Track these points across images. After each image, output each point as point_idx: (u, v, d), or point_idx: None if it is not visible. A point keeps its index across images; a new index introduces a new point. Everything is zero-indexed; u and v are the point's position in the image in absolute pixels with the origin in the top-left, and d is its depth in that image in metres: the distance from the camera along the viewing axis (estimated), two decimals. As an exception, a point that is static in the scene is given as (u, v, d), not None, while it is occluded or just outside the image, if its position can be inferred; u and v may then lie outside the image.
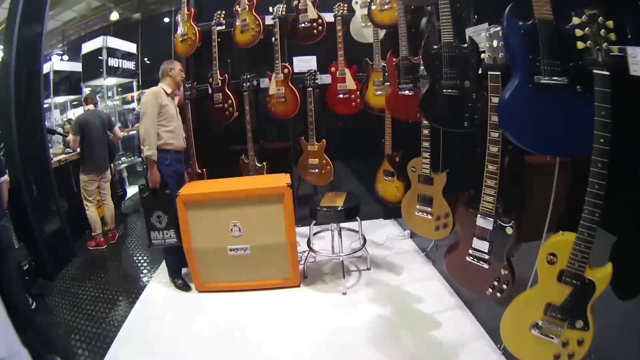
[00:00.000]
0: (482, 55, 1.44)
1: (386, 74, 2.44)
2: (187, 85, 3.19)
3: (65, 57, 7.58)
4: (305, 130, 3.09)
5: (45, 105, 7.28)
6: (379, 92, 2.74)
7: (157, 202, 2.58)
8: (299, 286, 2.62)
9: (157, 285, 2.82)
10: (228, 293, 2.61)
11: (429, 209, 2.00)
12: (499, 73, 1.37)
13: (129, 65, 6.40)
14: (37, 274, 3.02)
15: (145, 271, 3.13)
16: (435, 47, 1.65)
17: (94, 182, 3.55)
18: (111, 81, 6.36)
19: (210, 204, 2.52)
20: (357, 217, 2.59)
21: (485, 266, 1.56)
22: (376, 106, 2.80)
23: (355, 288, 2.55)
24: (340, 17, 2.93)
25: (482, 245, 1.55)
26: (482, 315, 2.08)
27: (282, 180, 2.58)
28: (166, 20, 7.61)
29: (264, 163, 3.18)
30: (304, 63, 3.19)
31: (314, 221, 2.64)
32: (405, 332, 2.06)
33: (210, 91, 3.21)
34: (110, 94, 6.79)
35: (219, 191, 2.55)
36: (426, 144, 1.93)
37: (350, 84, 2.93)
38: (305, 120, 3.08)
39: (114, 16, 7.64)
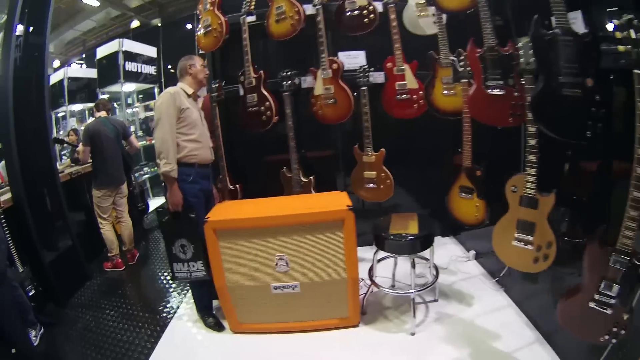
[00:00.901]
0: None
1: (460, 69, 2.35)
2: (213, 86, 3.09)
3: (84, 66, 7.90)
4: (359, 137, 2.98)
5: (60, 114, 7.52)
6: (449, 92, 2.63)
7: (179, 228, 2.41)
8: (357, 325, 2.51)
9: (184, 320, 2.75)
10: (270, 335, 2.50)
11: (530, 237, 1.89)
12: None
13: (150, 70, 6.53)
14: (48, 298, 3.00)
15: (169, 299, 3.07)
16: (549, 33, 1.54)
17: (108, 197, 3.52)
18: (130, 87, 6.51)
19: (248, 233, 2.33)
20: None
21: (609, 311, 1.47)
22: (445, 108, 2.69)
23: (423, 325, 2.45)
24: (392, 5, 2.82)
25: (612, 289, 1.45)
26: (562, 347, 2.05)
27: (340, 201, 2.42)
28: (189, 26, 7.95)
29: (311, 177, 3.07)
30: (351, 59, 3.07)
31: (376, 249, 2.51)
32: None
33: (242, 92, 3.12)
34: (130, 100, 6.90)
35: (259, 216, 2.36)
36: (532, 158, 1.79)
37: (412, 82, 2.82)
38: (357, 126, 2.97)
39: (135, 24, 8.02)
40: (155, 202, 5.35)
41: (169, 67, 7.31)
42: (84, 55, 8.88)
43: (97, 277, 3.45)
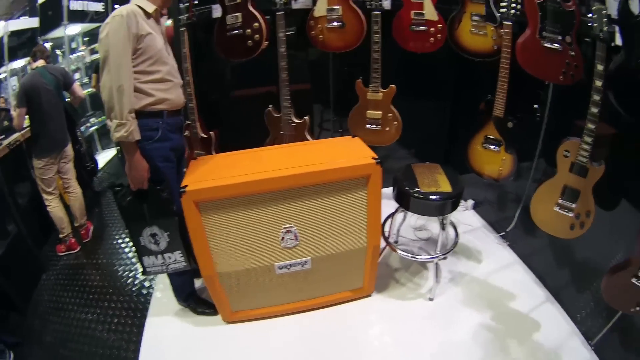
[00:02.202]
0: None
1: (502, 10, 2.45)
2: (182, 5, 2.79)
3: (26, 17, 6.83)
4: (365, 71, 3.02)
5: (1, 76, 6.57)
6: (477, 31, 2.75)
7: (146, 211, 2.14)
8: (370, 295, 2.72)
9: (164, 303, 2.71)
10: (271, 319, 2.56)
11: (573, 205, 2.20)
12: None
13: (97, 6, 5.84)
14: (6, 307, 2.82)
15: (138, 275, 3.06)
16: (638, 15, 1.72)
17: (52, 166, 3.32)
18: (74, 29, 5.98)
19: (242, 202, 2.13)
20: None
21: (645, 287, 1.85)
22: (469, 47, 2.82)
23: (439, 288, 2.74)
24: None
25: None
26: (570, 308, 2.52)
27: (359, 151, 2.37)
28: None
29: (306, 118, 3.07)
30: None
31: (397, 207, 2.66)
32: (512, 341, 2.37)
33: (217, 13, 2.92)
34: (74, 44, 6.27)
35: (257, 178, 2.10)
36: (591, 126, 2.02)
37: (431, 13, 2.86)
38: (363, 57, 3.00)
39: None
40: (105, 157, 5.03)
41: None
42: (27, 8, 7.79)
43: (53, 266, 3.31)
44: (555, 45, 2.20)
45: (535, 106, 2.72)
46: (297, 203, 2.21)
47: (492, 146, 2.81)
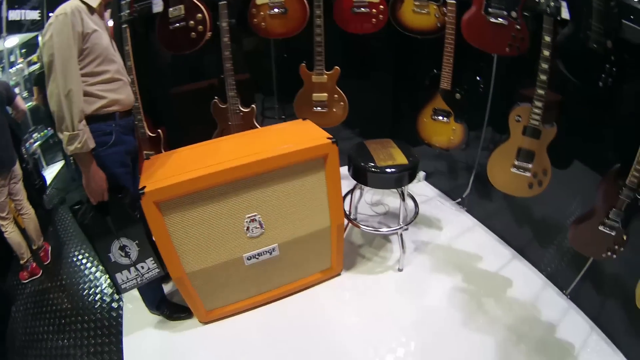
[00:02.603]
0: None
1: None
2: (123, 2, 2.68)
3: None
4: (309, 54, 3.05)
5: None
6: (420, 10, 2.84)
7: (112, 223, 2.02)
8: (340, 274, 2.80)
9: (137, 315, 2.61)
10: (247, 313, 2.56)
11: (529, 165, 2.39)
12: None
13: (34, 15, 5.20)
14: None
15: (105, 289, 2.93)
16: None
17: (2, 188, 3.00)
18: (12, 41, 5.37)
19: (203, 196, 2.11)
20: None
21: (613, 233, 2.07)
22: (413, 26, 2.91)
23: (406, 259, 2.88)
24: None
25: (618, 216, 2.03)
26: (537, 262, 2.77)
27: (312, 132, 2.42)
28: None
29: (253, 106, 3.06)
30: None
31: (355, 184, 2.77)
32: (487, 299, 2.56)
33: (157, 7, 2.80)
34: (12, 57, 5.60)
35: (216, 170, 2.08)
36: (541, 92, 2.20)
37: (372, -6, 2.94)
38: (304, 42, 3.03)
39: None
40: (50, 172, 4.63)
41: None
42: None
43: (19, 295, 3.04)
44: (501, 20, 2.36)
45: (478, 78, 2.90)
46: (258, 191, 2.22)
47: (442, 117, 2.99)
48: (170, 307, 2.54)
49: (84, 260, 3.27)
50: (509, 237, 3.00)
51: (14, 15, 5.22)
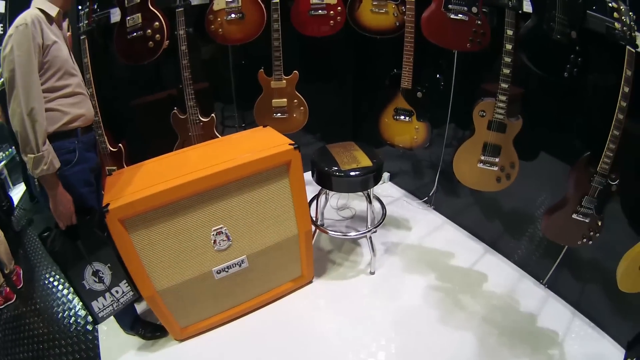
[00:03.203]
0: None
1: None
2: (82, 13, 2.57)
3: None
4: (267, 60, 3.02)
5: None
6: (378, 10, 2.85)
7: (83, 248, 1.94)
8: (312, 282, 2.77)
9: (113, 337, 2.52)
10: (221, 327, 2.52)
11: (496, 159, 2.43)
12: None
13: None
14: None
15: (80, 313, 2.78)
16: None
17: None
18: None
19: (168, 211, 2.05)
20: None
21: (587, 220, 2.13)
22: (371, 26, 2.92)
23: (377, 262, 2.87)
24: None
25: (591, 202, 2.09)
26: (511, 255, 2.83)
27: (274, 139, 2.40)
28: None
29: (213, 115, 2.99)
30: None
31: (321, 189, 2.75)
32: (464, 295, 2.58)
33: (114, 17, 2.73)
34: None
35: (180, 183, 2.03)
36: (505, 86, 2.23)
37: (330, -4, 2.93)
38: (261, 48, 2.99)
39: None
40: (17, 193, 4.40)
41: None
42: None
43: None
44: (461, 16, 2.39)
45: (438, 75, 2.94)
46: (223, 202, 2.19)
47: (404, 117, 2.99)
48: (145, 327, 2.45)
49: (56, 283, 3.13)
50: (480, 232, 3.05)
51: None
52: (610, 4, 1.77)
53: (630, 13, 1.71)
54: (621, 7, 1.72)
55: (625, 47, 1.74)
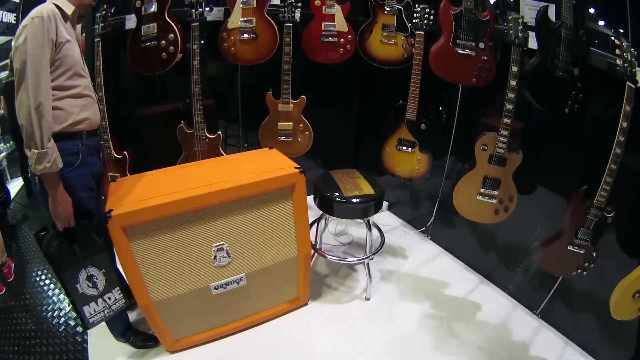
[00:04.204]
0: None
1: (415, 20, 2.79)
2: (98, 14, 2.68)
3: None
4: (276, 83, 3.12)
5: None
6: (387, 41, 3.03)
7: (79, 252, 1.96)
8: (307, 304, 2.80)
9: (102, 342, 2.51)
10: (213, 342, 2.52)
11: (495, 192, 2.54)
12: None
13: (10, 17, 4.95)
14: None
15: (71, 314, 2.78)
16: (556, 23, 2.11)
17: None
18: None
19: (171, 223, 2.09)
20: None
21: (582, 252, 2.24)
22: (380, 56, 3.09)
23: (373, 288, 2.91)
24: None
25: (587, 234, 2.20)
26: (505, 285, 2.92)
27: (279, 161, 2.48)
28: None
29: (219, 132, 3.08)
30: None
31: (321, 214, 2.81)
32: (458, 324, 2.64)
33: (130, 24, 2.83)
34: None
35: (186, 197, 2.08)
36: (507, 121, 2.37)
37: (341, 24, 3.09)
38: (270, 70, 3.11)
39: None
40: (14, 186, 4.39)
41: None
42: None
43: None
44: (468, 51, 2.55)
45: (440, 108, 3.08)
46: (226, 219, 2.23)
47: (407, 148, 3.13)
48: (136, 335, 2.45)
49: (47, 281, 3.13)
50: (475, 263, 3.14)
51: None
52: (613, 40, 1.92)
53: (632, 49, 1.85)
54: (623, 44, 1.86)
55: (625, 83, 1.88)
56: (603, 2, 2.14)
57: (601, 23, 2.13)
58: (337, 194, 2.61)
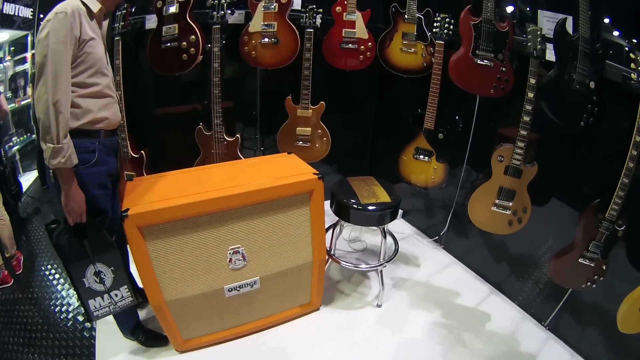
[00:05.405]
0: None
1: (435, 29, 2.87)
2: (118, 13, 2.81)
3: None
4: (295, 88, 3.22)
5: None
6: (407, 49, 3.12)
7: (88, 247, 1.99)
8: (319, 309, 2.86)
9: (110, 339, 2.57)
10: (223, 344, 2.57)
11: (510, 203, 2.61)
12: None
13: (27, 12, 5.13)
14: None
15: (79, 310, 2.86)
16: (574, 35, 2.19)
17: None
18: (4, 36, 5.13)
19: (188, 224, 2.13)
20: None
21: (592, 265, 2.29)
22: (399, 64, 3.18)
23: (385, 295, 3.00)
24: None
25: (598, 247, 2.25)
26: (515, 297, 2.97)
27: (298, 167, 2.52)
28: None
29: (238, 136, 3.16)
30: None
31: (337, 220, 2.89)
32: (467, 333, 2.70)
33: (150, 24, 2.94)
34: (0, 54, 5.43)
35: (204, 199, 2.11)
36: (524, 132, 2.44)
37: (362, 31, 3.18)
38: (290, 75, 3.21)
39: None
40: (27, 179, 4.54)
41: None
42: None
43: None
44: (487, 62, 2.63)
45: (457, 117, 3.16)
46: (243, 223, 2.27)
47: (424, 157, 3.21)
48: (145, 334, 2.51)
49: (57, 276, 3.21)
50: (486, 273, 3.20)
51: (8, 8, 5.20)
52: (629, 53, 2.00)
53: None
54: (638, 57, 1.94)
55: (639, 96, 1.94)
56: (618, 13, 2.21)
57: (615, 34, 2.20)
58: (354, 200, 2.67)
